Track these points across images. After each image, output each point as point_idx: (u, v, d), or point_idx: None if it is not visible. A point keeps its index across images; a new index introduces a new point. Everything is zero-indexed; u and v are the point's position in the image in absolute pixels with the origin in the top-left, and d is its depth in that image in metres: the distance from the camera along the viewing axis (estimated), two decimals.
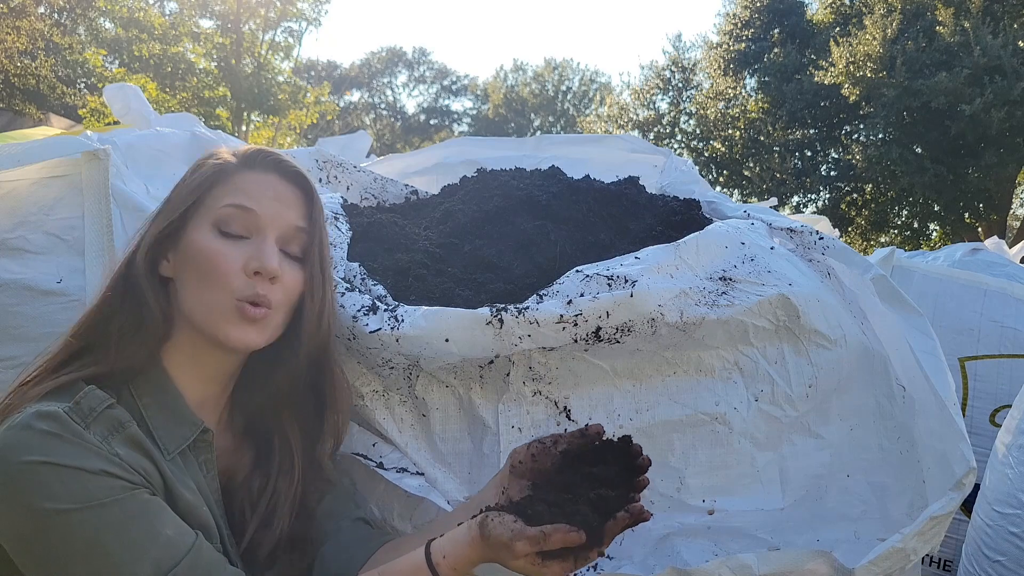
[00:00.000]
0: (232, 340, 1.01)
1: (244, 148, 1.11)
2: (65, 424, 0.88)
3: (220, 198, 1.04)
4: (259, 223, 1.03)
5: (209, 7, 16.52)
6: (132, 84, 1.98)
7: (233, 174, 1.06)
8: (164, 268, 1.05)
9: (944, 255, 3.01)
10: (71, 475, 0.86)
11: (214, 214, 1.03)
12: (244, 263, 1.01)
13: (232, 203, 1.03)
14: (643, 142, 2.10)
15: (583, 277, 1.21)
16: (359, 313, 1.17)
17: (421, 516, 1.20)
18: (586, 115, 29.73)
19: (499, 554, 0.89)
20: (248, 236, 1.03)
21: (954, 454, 1.22)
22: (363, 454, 1.22)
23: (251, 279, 1.01)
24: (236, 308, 1.00)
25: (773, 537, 1.21)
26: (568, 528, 0.86)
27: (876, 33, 12.16)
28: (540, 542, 0.86)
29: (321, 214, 1.11)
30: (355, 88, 34.79)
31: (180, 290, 1.03)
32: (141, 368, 1.00)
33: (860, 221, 15.07)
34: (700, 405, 1.24)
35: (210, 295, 1.00)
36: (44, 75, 14.50)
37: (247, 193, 1.04)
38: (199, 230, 1.03)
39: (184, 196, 1.05)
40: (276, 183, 1.07)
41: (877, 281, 1.39)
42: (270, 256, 1.02)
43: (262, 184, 1.06)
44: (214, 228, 1.03)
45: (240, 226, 1.03)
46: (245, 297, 1.00)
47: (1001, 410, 2.48)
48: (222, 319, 1.00)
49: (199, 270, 1.01)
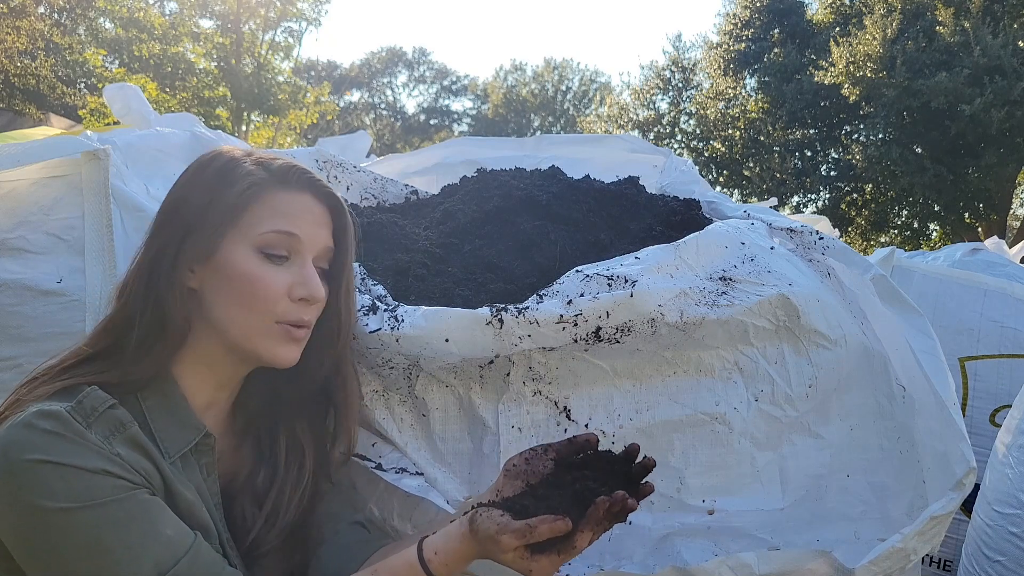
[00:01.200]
0: (279, 358, 1.03)
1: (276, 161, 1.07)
2: (67, 423, 0.88)
3: (261, 220, 1.02)
4: (299, 247, 1.04)
5: (209, 7, 16.53)
6: (132, 84, 1.98)
7: (270, 193, 1.04)
8: (190, 280, 1.03)
9: (944, 255, 3.01)
10: (72, 474, 0.86)
11: (256, 238, 1.02)
12: (288, 289, 1.02)
13: (278, 229, 1.02)
14: (643, 142, 2.10)
15: (583, 277, 1.21)
16: (359, 313, 1.17)
17: (421, 516, 1.20)
18: (586, 115, 29.75)
19: (488, 548, 0.90)
20: (288, 257, 1.04)
21: (954, 454, 1.22)
22: (362, 454, 1.22)
23: (295, 303, 1.02)
24: (280, 330, 1.02)
25: (773, 537, 1.21)
26: (554, 517, 0.87)
27: (876, 33, 12.16)
28: (526, 534, 0.87)
29: (351, 235, 1.11)
30: (355, 88, 34.80)
31: (210, 304, 1.02)
32: (153, 378, 1.00)
33: (860, 221, 15.07)
34: (700, 405, 1.24)
35: (250, 316, 1.01)
36: (44, 75, 14.51)
37: (288, 217, 1.03)
38: (237, 250, 1.01)
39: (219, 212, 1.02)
40: (312, 204, 1.06)
41: (877, 281, 1.39)
42: (317, 285, 1.03)
43: (300, 205, 1.05)
44: (256, 251, 1.01)
45: (282, 249, 1.03)
46: (288, 320, 1.02)
47: (1001, 410, 2.48)
48: (262, 338, 1.01)
49: (239, 291, 1.01)
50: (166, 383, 1.02)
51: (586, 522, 0.89)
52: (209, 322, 1.02)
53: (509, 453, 1.19)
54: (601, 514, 0.89)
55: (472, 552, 0.92)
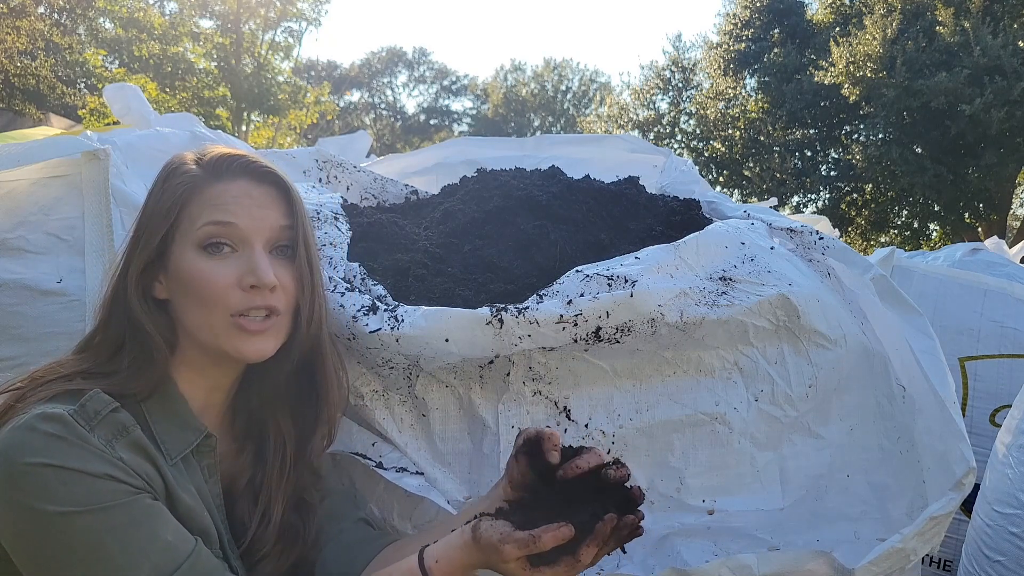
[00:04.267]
0: (245, 353, 1.01)
1: (209, 155, 1.06)
2: (69, 427, 0.88)
3: (196, 217, 1.01)
4: (242, 234, 1.02)
5: (209, 7, 16.53)
6: (132, 84, 1.98)
7: (204, 188, 1.03)
8: (159, 291, 1.03)
9: (944, 255, 3.00)
10: (74, 478, 0.86)
11: (194, 235, 1.01)
12: (237, 279, 1.00)
13: (210, 220, 1.01)
14: (643, 142, 2.10)
15: (583, 277, 1.21)
16: (359, 313, 1.17)
17: (421, 515, 1.20)
18: (586, 115, 29.74)
19: (489, 557, 0.88)
20: (235, 248, 1.02)
21: (954, 454, 1.22)
22: (362, 454, 1.22)
23: (248, 293, 1.00)
24: (235, 324, 1.00)
25: (773, 537, 1.21)
26: (557, 525, 0.86)
27: (876, 33, 12.16)
28: (529, 545, 0.85)
29: (302, 207, 1.09)
30: (355, 88, 34.79)
31: (179, 310, 1.02)
32: (155, 387, 1.00)
33: (860, 221, 15.07)
34: (700, 405, 1.24)
35: (208, 315, 1.00)
36: (44, 75, 14.50)
37: (223, 207, 1.01)
38: (183, 252, 1.01)
39: (159, 220, 1.02)
40: (250, 188, 1.04)
41: (877, 281, 1.39)
42: (264, 269, 1.01)
43: (236, 193, 1.03)
44: (197, 248, 1.01)
45: (223, 240, 1.01)
46: (243, 311, 1.00)
47: (1001, 410, 2.48)
48: (225, 335, 1.00)
49: (192, 292, 1.00)
50: (166, 385, 1.02)
51: (593, 538, 0.87)
52: (182, 328, 1.03)
53: (509, 453, 1.19)
54: (608, 531, 0.87)
55: (473, 561, 0.90)
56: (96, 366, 1.00)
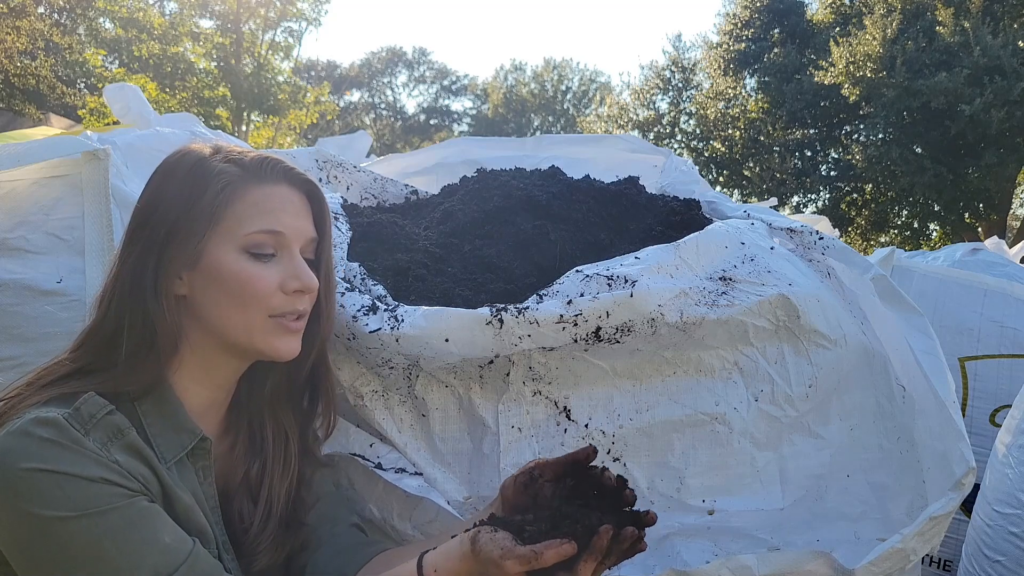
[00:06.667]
0: (280, 350, 1.04)
1: (247, 156, 1.06)
2: (64, 431, 0.88)
3: (243, 219, 1.01)
4: (285, 241, 1.04)
5: (209, 7, 16.52)
6: (132, 84, 1.98)
7: (247, 189, 1.02)
8: (179, 287, 1.02)
9: (944, 255, 3.00)
10: (70, 482, 0.86)
11: (242, 239, 1.01)
12: (280, 283, 1.02)
13: (263, 229, 1.02)
14: (643, 142, 2.10)
15: (583, 277, 1.21)
16: (359, 313, 1.17)
17: (420, 516, 1.20)
18: (586, 115, 29.72)
19: (489, 571, 0.88)
20: (276, 252, 1.04)
21: (954, 454, 1.22)
22: (361, 454, 1.22)
23: (289, 296, 1.03)
24: (276, 324, 1.03)
25: (773, 537, 1.21)
26: (560, 541, 0.85)
27: (876, 33, 12.16)
28: (531, 561, 0.84)
29: (329, 217, 1.12)
30: (355, 88, 34.79)
31: (204, 308, 1.02)
32: (149, 387, 1.00)
33: (860, 221, 15.07)
34: (700, 405, 1.24)
35: (246, 314, 1.01)
36: (44, 75, 14.50)
37: (271, 213, 1.03)
38: (224, 252, 1.00)
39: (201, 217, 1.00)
40: (290, 195, 1.06)
41: (877, 281, 1.39)
42: (310, 275, 1.04)
43: (279, 199, 1.04)
44: (243, 251, 1.01)
45: (269, 247, 1.03)
46: (282, 313, 1.03)
47: (1001, 410, 2.48)
48: (262, 334, 1.02)
49: (231, 292, 1.00)
50: (161, 388, 1.01)
51: (590, 552, 0.86)
52: (204, 325, 1.02)
53: (509, 453, 1.19)
54: (604, 543, 0.86)
55: (472, 572, 0.90)
56: (92, 362, 0.99)
